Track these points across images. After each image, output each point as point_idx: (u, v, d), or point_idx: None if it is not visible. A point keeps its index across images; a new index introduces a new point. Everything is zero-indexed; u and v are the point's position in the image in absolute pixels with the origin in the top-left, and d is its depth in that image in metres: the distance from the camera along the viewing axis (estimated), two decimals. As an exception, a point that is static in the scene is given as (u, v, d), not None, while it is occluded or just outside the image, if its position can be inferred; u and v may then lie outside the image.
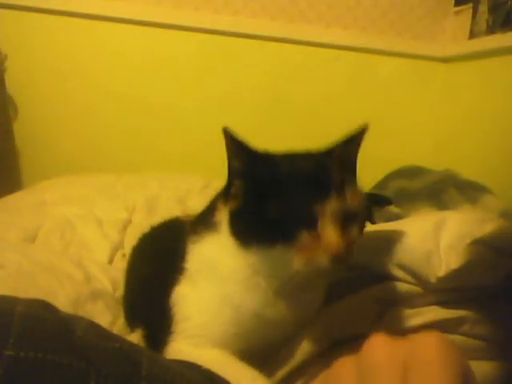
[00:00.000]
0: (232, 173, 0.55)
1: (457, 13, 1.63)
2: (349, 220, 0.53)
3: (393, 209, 1.27)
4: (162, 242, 0.71)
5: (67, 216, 1.03)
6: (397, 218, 1.21)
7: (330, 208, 0.51)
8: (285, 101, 1.65)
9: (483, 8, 1.47)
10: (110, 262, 0.93)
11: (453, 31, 1.64)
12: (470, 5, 1.54)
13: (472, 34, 1.52)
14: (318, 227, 0.51)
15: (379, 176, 1.51)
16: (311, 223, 0.51)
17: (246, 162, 0.54)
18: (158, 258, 0.67)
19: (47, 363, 0.36)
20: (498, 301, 0.64)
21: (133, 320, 0.68)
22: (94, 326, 0.42)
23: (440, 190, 1.28)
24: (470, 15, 1.53)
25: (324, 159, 0.56)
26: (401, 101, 1.70)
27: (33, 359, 0.35)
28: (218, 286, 0.57)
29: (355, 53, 1.65)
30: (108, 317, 0.71)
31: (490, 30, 1.43)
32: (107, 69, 1.62)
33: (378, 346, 0.29)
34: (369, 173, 1.54)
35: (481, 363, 0.64)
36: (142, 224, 0.97)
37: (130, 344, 0.43)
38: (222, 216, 0.57)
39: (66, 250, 0.91)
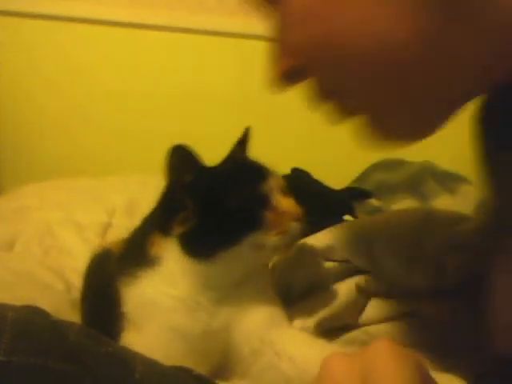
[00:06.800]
0: (181, 191, 0.57)
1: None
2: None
3: (374, 202, 1.28)
4: (98, 282, 0.68)
5: (47, 221, 1.01)
6: (378, 211, 1.22)
7: (275, 183, 0.59)
8: (259, 97, 1.64)
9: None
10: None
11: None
12: None
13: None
14: (273, 203, 0.57)
15: (360, 169, 1.51)
16: (266, 203, 0.57)
17: (197, 174, 0.57)
18: (97, 299, 0.65)
19: (40, 368, 0.35)
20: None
21: None
22: (86, 331, 0.42)
23: (419, 181, 1.29)
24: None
25: (241, 157, 0.65)
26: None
27: (25, 364, 0.35)
28: (162, 323, 0.57)
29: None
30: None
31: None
32: (91, 71, 1.61)
33: (335, 364, 0.30)
34: (350, 166, 1.54)
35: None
36: (122, 227, 0.96)
37: (123, 348, 0.44)
38: (162, 249, 0.58)
39: (45, 257, 0.89)
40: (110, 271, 0.62)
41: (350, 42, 0.41)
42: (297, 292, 0.68)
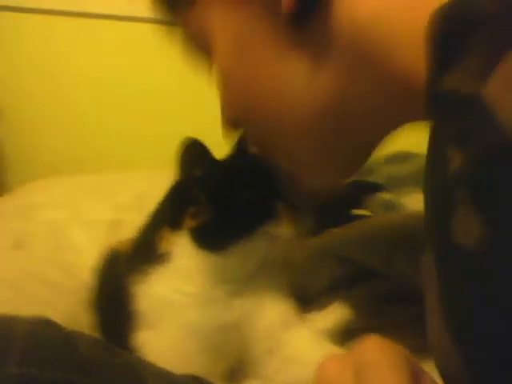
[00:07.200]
0: (192, 185, 0.56)
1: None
2: None
3: (384, 195, 1.27)
4: (108, 283, 0.67)
5: (55, 219, 1.00)
6: (388, 204, 1.21)
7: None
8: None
9: None
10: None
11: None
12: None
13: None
14: (285, 194, 0.58)
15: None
16: (279, 194, 0.58)
17: (209, 167, 0.57)
18: (109, 301, 0.65)
19: (51, 380, 0.36)
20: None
21: None
22: (97, 342, 0.44)
23: (427, 174, 1.28)
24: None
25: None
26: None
27: (36, 376, 0.35)
28: (176, 320, 0.56)
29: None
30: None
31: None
32: (90, 66, 1.59)
33: (329, 365, 0.31)
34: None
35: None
36: (132, 223, 0.95)
37: (135, 358, 0.45)
38: (172, 244, 0.57)
39: (56, 255, 0.88)
40: (120, 271, 0.62)
41: (262, 105, 0.47)
42: (315, 292, 0.67)
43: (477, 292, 0.27)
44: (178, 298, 0.56)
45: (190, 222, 0.56)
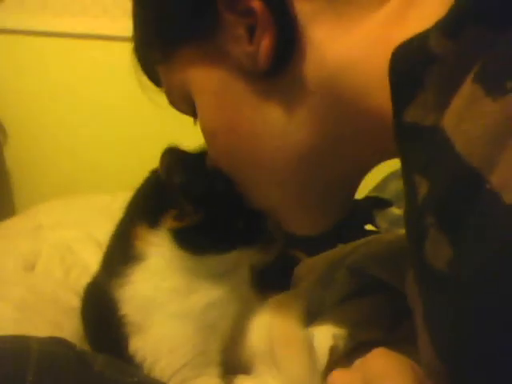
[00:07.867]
0: (175, 192, 0.56)
1: None
2: None
3: (394, 210, 1.26)
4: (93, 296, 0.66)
5: (65, 240, 1.01)
6: (399, 219, 1.20)
7: None
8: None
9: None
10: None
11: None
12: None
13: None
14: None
15: (377, 179, 1.50)
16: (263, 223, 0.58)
17: (194, 176, 0.56)
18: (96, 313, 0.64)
19: None
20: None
21: None
22: (111, 361, 0.44)
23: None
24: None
25: None
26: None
27: None
28: (165, 313, 0.55)
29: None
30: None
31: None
32: (99, 88, 1.60)
33: (339, 378, 0.32)
34: (368, 176, 1.52)
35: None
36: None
37: (148, 378, 0.45)
38: (147, 243, 0.57)
39: (67, 277, 0.88)
40: (102, 279, 0.61)
41: (244, 157, 0.49)
42: (328, 304, 0.67)
43: (451, 310, 0.29)
44: (159, 295, 0.56)
45: (171, 223, 0.56)
